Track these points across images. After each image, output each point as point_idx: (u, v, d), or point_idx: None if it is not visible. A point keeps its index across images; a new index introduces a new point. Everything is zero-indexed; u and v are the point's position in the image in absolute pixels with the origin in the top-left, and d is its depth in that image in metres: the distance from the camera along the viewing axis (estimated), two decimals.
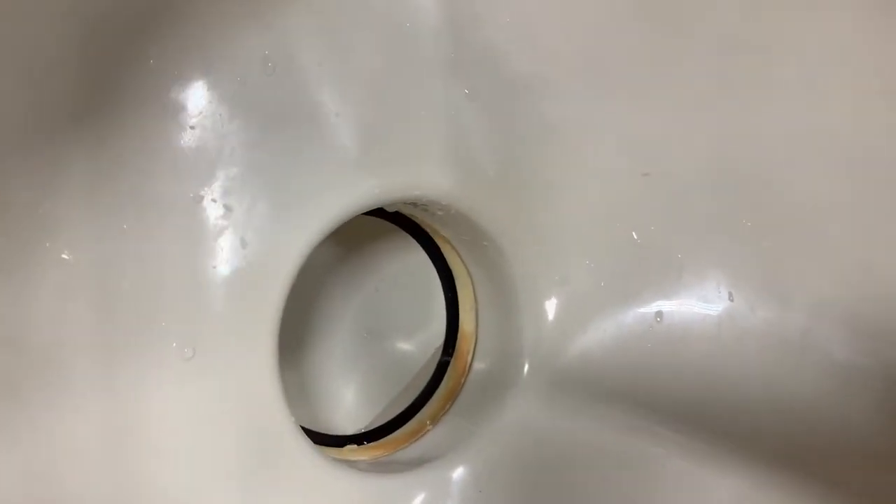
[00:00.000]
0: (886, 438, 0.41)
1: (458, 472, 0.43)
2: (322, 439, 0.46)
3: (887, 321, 0.41)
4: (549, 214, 0.45)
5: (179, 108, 0.34)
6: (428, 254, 0.51)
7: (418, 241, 0.51)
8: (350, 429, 0.49)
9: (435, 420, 0.48)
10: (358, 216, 0.39)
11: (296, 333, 0.50)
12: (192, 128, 0.34)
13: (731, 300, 0.44)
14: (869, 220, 0.42)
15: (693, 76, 0.42)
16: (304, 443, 0.38)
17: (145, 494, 0.34)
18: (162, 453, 0.34)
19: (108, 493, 0.33)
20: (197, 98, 0.34)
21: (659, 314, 0.45)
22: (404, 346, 0.53)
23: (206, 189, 0.34)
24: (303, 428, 0.39)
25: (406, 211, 0.46)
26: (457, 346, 0.50)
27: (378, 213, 0.48)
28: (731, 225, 0.44)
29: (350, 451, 0.45)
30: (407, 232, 0.51)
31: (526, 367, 0.45)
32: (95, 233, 0.32)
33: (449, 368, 0.50)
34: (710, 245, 0.44)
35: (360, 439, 0.47)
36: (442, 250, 0.50)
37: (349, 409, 0.50)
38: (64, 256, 0.31)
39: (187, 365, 0.34)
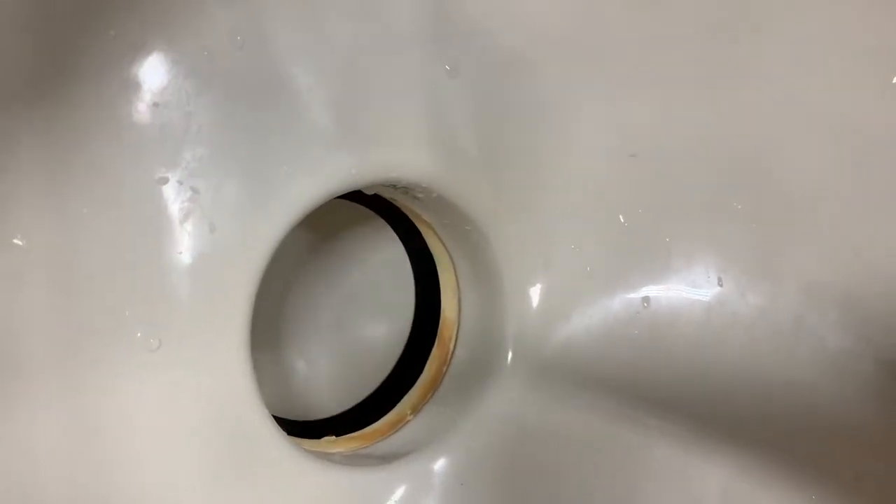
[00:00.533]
0: (878, 427, 0.40)
1: (440, 464, 0.42)
2: (298, 428, 0.45)
3: (880, 307, 0.40)
4: (533, 197, 0.43)
5: (142, 84, 0.31)
6: (402, 239, 0.49)
7: (395, 225, 0.49)
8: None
9: (416, 410, 0.46)
10: (334, 200, 0.38)
11: (270, 321, 0.48)
12: (155, 104, 0.32)
13: (721, 285, 0.43)
14: (862, 204, 0.41)
15: (683, 55, 0.41)
16: (279, 436, 0.36)
17: (111, 495, 0.32)
18: (128, 451, 0.32)
19: (71, 494, 0.31)
20: (161, 73, 0.32)
21: (646, 300, 0.43)
22: (384, 333, 0.51)
23: (171, 170, 0.32)
24: (278, 418, 0.37)
25: (386, 194, 0.44)
26: (439, 334, 0.48)
27: (356, 196, 0.46)
28: (721, 208, 0.42)
29: (327, 443, 0.44)
30: (384, 217, 0.50)
31: (510, 355, 0.44)
32: (51, 216, 0.30)
33: (430, 356, 0.48)
34: (699, 228, 0.43)
35: (337, 423, 0.46)
36: (423, 235, 0.48)
37: (326, 398, 0.49)
38: (16, 242, 0.29)
39: (153, 357, 0.32)
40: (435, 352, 0.48)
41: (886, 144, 0.40)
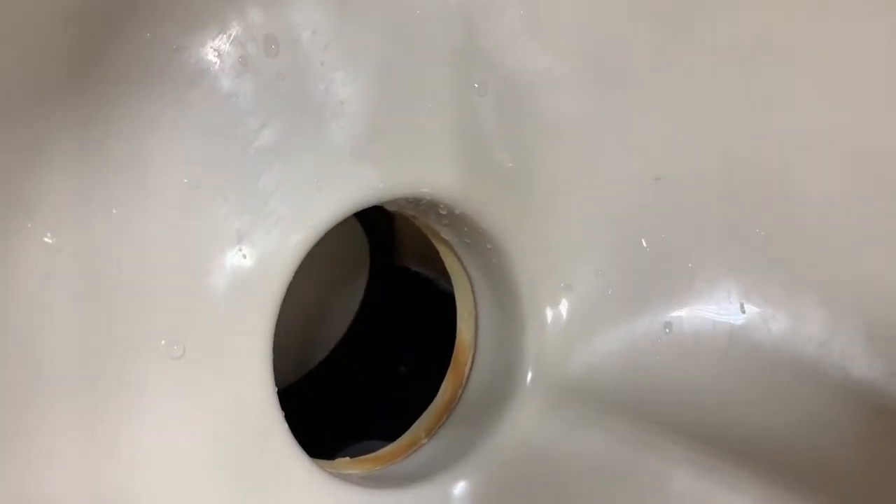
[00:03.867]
0: None
1: (459, 488, 0.41)
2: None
3: None
4: (556, 218, 0.43)
5: (175, 86, 0.31)
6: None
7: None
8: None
9: (430, 433, 0.45)
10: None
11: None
12: (187, 107, 0.31)
13: (744, 311, 0.42)
14: (886, 232, 0.41)
15: (709, 79, 0.41)
16: (299, 454, 0.35)
17: None
18: (146, 461, 0.31)
19: None
20: (194, 76, 0.32)
21: (668, 325, 0.43)
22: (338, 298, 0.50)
23: (202, 175, 0.32)
24: None
25: (407, 210, 0.44)
26: (454, 357, 0.47)
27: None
28: (744, 233, 0.42)
29: (342, 464, 0.43)
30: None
31: (529, 378, 0.43)
32: (82, 215, 0.29)
33: (445, 380, 0.47)
34: (722, 254, 0.43)
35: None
36: (441, 255, 0.48)
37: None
38: (46, 240, 0.28)
39: (176, 364, 0.31)
40: (449, 375, 0.47)
41: None
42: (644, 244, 0.43)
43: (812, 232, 0.41)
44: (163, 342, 0.31)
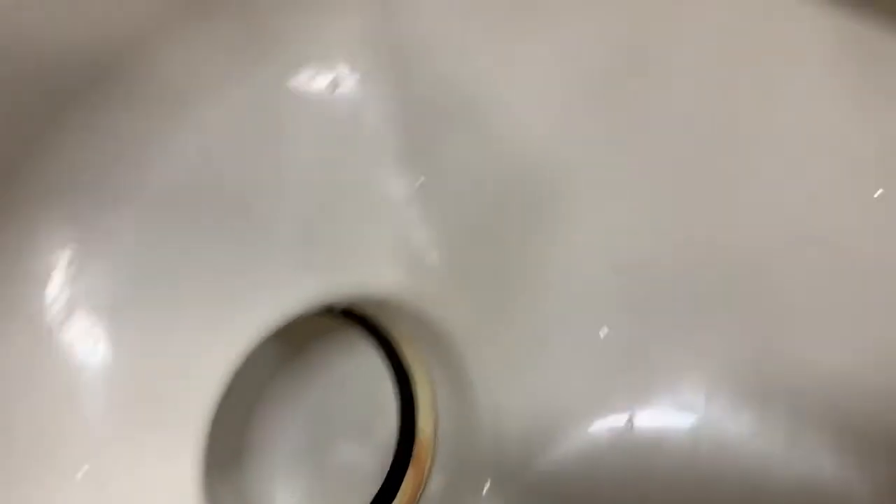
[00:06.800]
0: None
1: None
2: None
3: (875, 431, 0.38)
4: (509, 312, 0.42)
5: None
6: (383, 350, 0.47)
7: (374, 334, 0.48)
8: None
9: None
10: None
11: (232, 444, 0.45)
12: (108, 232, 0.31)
13: (708, 404, 0.41)
14: (854, 320, 0.39)
15: (669, 163, 0.40)
16: None
17: None
18: None
19: None
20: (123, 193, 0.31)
21: (630, 421, 0.41)
22: (361, 460, 0.48)
23: (124, 278, 0.31)
24: None
25: (358, 308, 0.43)
26: (414, 454, 0.46)
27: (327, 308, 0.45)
28: (707, 323, 0.41)
29: None
30: (364, 327, 0.48)
31: (488, 484, 0.41)
32: None
33: (405, 479, 0.45)
34: (685, 344, 0.41)
35: None
36: (400, 347, 0.46)
37: None
38: None
39: (82, 486, 0.30)
40: (410, 473, 0.46)
41: (871, 261, 0.39)
42: (603, 336, 0.42)
43: (777, 322, 0.40)
44: (69, 462, 0.30)
